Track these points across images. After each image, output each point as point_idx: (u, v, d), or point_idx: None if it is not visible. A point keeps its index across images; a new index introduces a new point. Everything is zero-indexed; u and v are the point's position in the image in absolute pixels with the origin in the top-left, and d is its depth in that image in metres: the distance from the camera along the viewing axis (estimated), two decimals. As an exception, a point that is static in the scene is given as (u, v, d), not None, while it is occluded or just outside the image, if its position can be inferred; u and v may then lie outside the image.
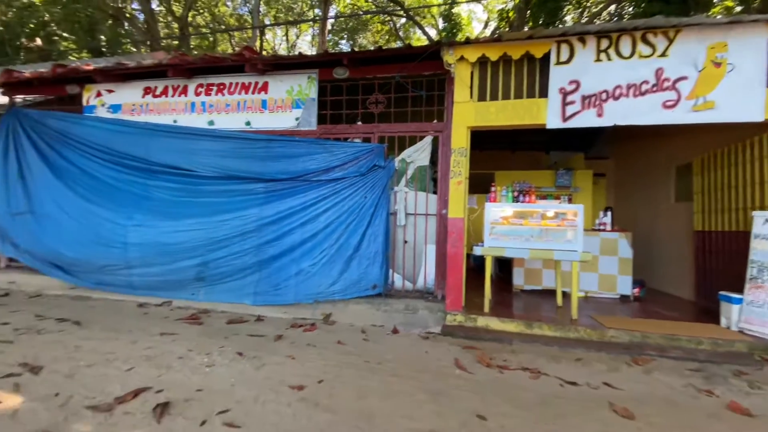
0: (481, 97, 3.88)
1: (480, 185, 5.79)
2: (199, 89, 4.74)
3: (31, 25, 12.60)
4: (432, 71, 4.08)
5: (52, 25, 12.91)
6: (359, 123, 4.51)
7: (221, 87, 4.68)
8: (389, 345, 3.39)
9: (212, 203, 4.37)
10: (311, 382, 2.60)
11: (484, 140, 6.33)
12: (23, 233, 4.66)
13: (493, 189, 4.27)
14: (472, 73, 3.87)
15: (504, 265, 6.10)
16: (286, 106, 4.58)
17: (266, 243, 4.25)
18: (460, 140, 3.91)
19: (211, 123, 4.75)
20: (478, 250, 3.96)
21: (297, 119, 4.50)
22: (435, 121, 4.26)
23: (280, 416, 2.19)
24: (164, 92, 4.82)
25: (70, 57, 12.38)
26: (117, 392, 2.36)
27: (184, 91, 4.78)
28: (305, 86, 4.47)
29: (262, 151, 4.36)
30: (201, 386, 2.49)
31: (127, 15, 14.30)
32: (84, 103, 5.00)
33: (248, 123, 4.63)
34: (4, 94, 5.20)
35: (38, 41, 12.93)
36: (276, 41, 19.57)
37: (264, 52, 15.94)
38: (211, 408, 2.25)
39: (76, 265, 4.45)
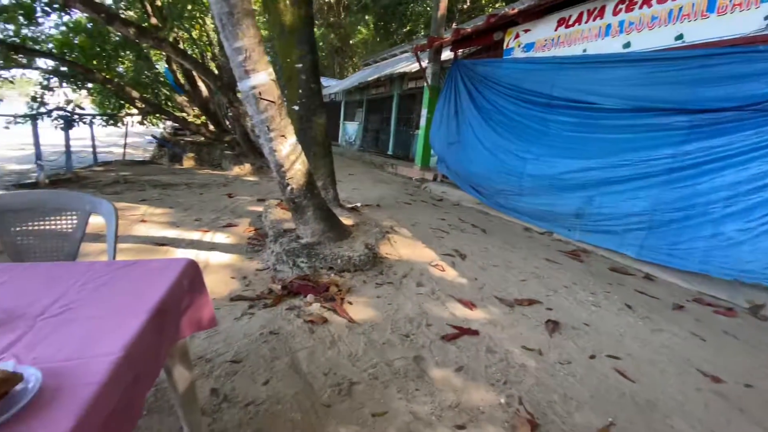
0: None
1: None
2: (619, 6, 4.18)
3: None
4: None
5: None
6: None
7: (649, -3, 3.89)
8: None
9: (611, 140, 3.99)
10: (732, 380, 2.00)
11: None
12: (452, 157, 6.31)
13: None
14: None
15: None
16: (750, 1, 3.20)
17: (671, 190, 3.47)
18: None
19: (626, 45, 4.16)
20: None
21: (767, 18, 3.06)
22: None
23: (685, 397, 1.85)
24: (578, 20, 4.64)
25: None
26: (515, 295, 2.82)
27: (600, 14, 4.38)
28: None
29: (694, 72, 3.36)
30: (587, 321, 2.51)
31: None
32: (505, 46, 5.74)
33: (679, 37, 3.67)
34: (452, 49, 6.86)
35: None
36: None
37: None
38: (598, 346, 2.23)
39: (483, 187, 5.58)
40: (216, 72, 8.20)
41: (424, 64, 7.36)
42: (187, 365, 1.30)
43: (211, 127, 9.66)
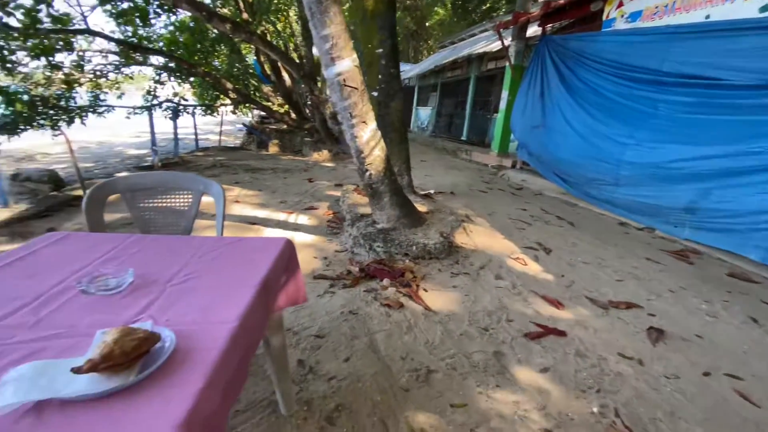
0: None
1: None
2: (763, -42, 3.43)
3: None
4: None
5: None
6: None
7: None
8: None
9: (739, 123, 3.35)
10: None
11: None
12: (535, 143, 5.86)
13: None
14: None
15: None
16: None
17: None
18: None
19: (764, 9, 3.42)
20: None
21: None
22: None
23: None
24: (703, -21, 3.92)
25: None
26: (610, 296, 2.55)
27: (735, -30, 3.64)
28: None
29: None
30: (699, 332, 2.18)
31: None
32: (604, 18, 5.11)
33: None
34: (540, 25, 6.31)
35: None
36: None
37: None
38: (714, 362, 1.93)
39: (570, 175, 5.12)
40: (298, 62, 8.60)
41: (507, 42, 6.89)
42: (281, 336, 1.39)
43: (293, 115, 10.23)
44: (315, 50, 8.17)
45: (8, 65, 6.52)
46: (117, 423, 0.57)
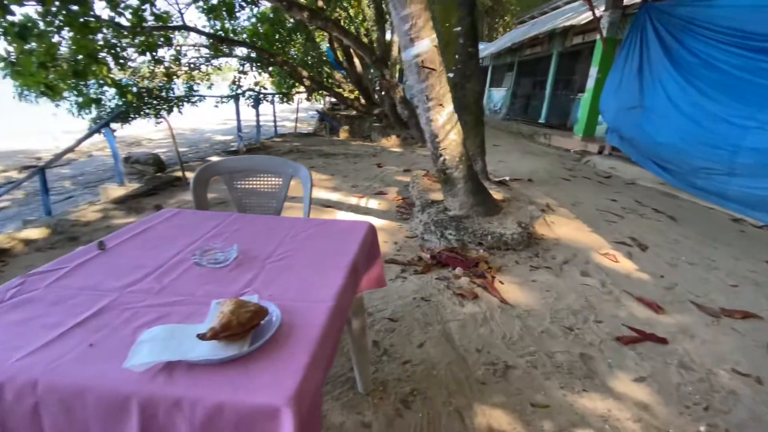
0: None
1: None
2: None
3: None
4: None
5: None
6: None
7: None
8: None
9: None
10: None
11: None
12: (630, 126, 5.22)
13: None
14: None
15: None
16: None
17: None
18: None
19: None
20: None
21: None
22: None
23: None
24: None
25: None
26: (722, 302, 2.21)
27: None
28: None
29: None
30: None
31: None
32: (728, -25, 4.30)
33: None
34: (642, -9, 5.52)
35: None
36: None
37: None
38: None
39: (671, 163, 4.49)
40: (370, 47, 8.63)
41: (599, 12, 6.17)
42: (362, 318, 1.43)
43: (363, 101, 10.36)
44: (388, 35, 8.12)
45: (120, 61, 7.48)
46: (237, 389, 0.61)
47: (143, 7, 6.42)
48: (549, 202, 3.87)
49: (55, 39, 5.41)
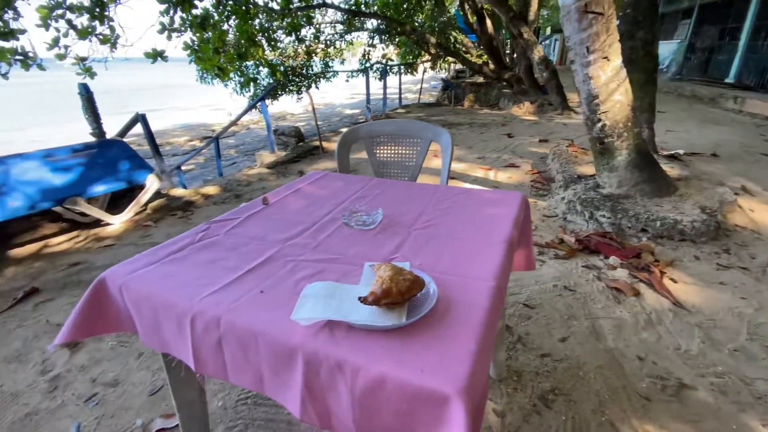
0: None
1: None
2: None
3: None
4: None
5: None
6: None
7: None
8: None
9: None
10: None
11: None
12: None
13: None
14: None
15: None
16: None
17: None
18: None
19: None
20: None
21: None
22: None
23: None
24: None
25: None
26: None
27: None
28: None
29: None
30: None
31: None
32: None
33: None
34: None
35: None
36: None
37: None
38: None
39: None
40: (506, 3, 7.82)
41: None
42: (503, 301, 1.28)
43: (492, 66, 9.60)
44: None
45: (272, 42, 8.41)
46: (400, 364, 0.55)
47: (289, -11, 7.01)
48: (745, 183, 2.96)
49: (224, 27, 6.35)
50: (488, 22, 8.98)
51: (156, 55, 4.66)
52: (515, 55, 10.28)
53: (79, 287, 2.16)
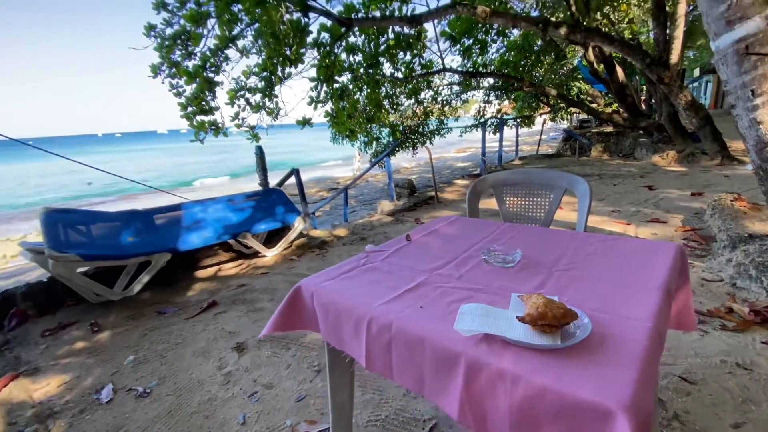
0: None
1: None
2: None
3: None
4: None
5: None
6: None
7: None
8: None
9: None
10: None
11: None
12: None
13: None
14: None
15: None
16: None
17: None
18: None
19: None
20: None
21: None
22: None
23: None
24: None
25: None
26: None
27: None
28: None
29: None
30: None
31: None
32: None
33: None
34: None
35: None
36: None
37: None
38: None
39: None
40: (641, 49, 7.33)
41: None
42: (661, 346, 1.16)
43: (624, 114, 8.86)
44: (669, 31, 6.66)
45: (395, 106, 9.43)
46: (559, 379, 0.60)
47: (413, 60, 7.88)
48: None
49: (357, 96, 7.44)
50: (619, 69, 8.47)
51: (305, 122, 5.71)
52: (653, 101, 9.31)
53: (244, 304, 2.66)
